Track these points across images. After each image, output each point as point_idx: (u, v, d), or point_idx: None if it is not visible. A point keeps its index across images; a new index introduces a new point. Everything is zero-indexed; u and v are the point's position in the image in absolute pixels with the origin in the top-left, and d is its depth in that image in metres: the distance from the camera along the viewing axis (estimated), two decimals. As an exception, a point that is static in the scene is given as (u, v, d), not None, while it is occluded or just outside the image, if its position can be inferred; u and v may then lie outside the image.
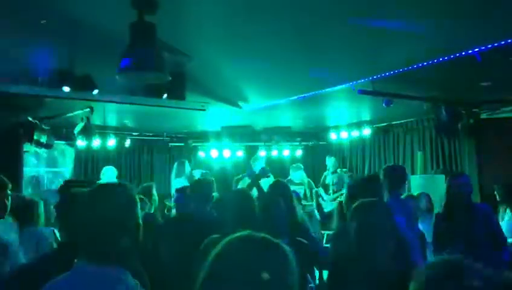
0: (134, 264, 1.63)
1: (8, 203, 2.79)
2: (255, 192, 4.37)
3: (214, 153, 9.49)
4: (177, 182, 7.55)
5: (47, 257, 2.20)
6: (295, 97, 5.84)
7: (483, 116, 6.76)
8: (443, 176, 7.18)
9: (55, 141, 7.09)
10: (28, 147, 6.64)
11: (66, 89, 4.61)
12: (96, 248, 1.51)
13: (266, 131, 9.21)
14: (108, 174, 7.15)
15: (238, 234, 1.19)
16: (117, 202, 1.56)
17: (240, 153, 9.55)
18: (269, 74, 4.99)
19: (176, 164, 8.01)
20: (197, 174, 7.33)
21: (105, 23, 3.64)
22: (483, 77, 5.09)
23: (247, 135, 9.41)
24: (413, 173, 8.08)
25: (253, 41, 4.04)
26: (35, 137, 5.94)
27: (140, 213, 1.64)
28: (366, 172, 9.21)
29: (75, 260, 1.54)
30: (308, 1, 3.08)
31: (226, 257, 1.14)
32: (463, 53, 4.07)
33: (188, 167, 7.67)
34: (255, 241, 1.17)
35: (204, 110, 6.00)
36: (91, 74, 4.68)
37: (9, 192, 2.80)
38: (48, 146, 6.60)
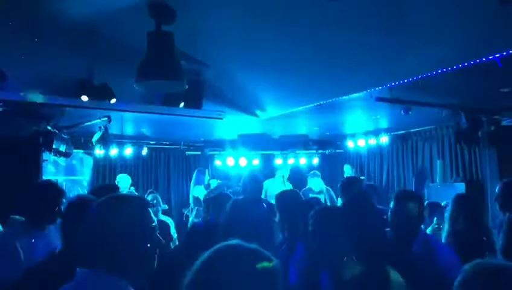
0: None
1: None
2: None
3: (231, 162, 9.50)
4: (197, 190, 7.59)
5: (46, 264, 2.18)
6: (312, 105, 5.80)
7: (504, 123, 6.62)
8: (463, 185, 7.07)
9: (74, 150, 7.17)
10: (47, 156, 6.73)
11: (85, 98, 4.66)
12: (104, 256, 1.48)
13: (283, 139, 9.17)
14: (123, 183, 7.21)
15: (227, 243, 1.17)
16: (126, 211, 1.55)
17: (256, 162, 9.54)
18: (286, 82, 4.97)
19: (195, 172, 8.05)
20: (214, 184, 7.35)
21: (123, 32, 3.68)
22: (503, 83, 4.99)
23: (263, 143, 9.39)
24: (432, 181, 7.97)
25: (271, 49, 4.03)
26: (54, 146, 6.01)
27: (153, 218, 1.61)
28: (384, 180, 9.11)
29: (77, 269, 1.52)
30: (325, 10, 3.05)
31: (213, 266, 1.11)
32: (483, 59, 3.99)
33: (207, 176, 7.69)
34: (244, 252, 1.14)
35: (221, 118, 6.00)
36: (109, 83, 4.73)
37: (64, 200, 2.88)
38: (66, 155, 6.68)
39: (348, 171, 8.53)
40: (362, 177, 8.54)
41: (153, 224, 1.59)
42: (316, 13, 3.18)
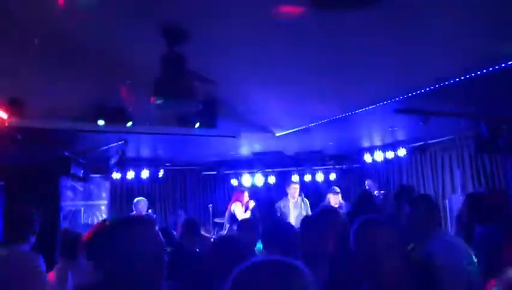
0: None
1: None
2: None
3: (247, 181, 9.46)
4: (235, 207, 7.69)
5: None
6: (328, 120, 5.75)
7: (526, 131, 6.46)
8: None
9: (91, 175, 7.21)
10: (64, 181, 6.77)
11: (101, 122, 4.69)
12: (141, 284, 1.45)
13: (298, 156, 9.11)
14: (140, 206, 7.22)
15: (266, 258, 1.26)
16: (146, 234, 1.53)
17: (273, 179, 9.48)
18: (301, 98, 4.94)
19: (235, 191, 8.19)
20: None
21: (136, 55, 3.70)
22: (523, 90, 4.89)
23: (278, 160, 9.34)
24: (453, 192, 7.80)
25: (284, 65, 4.02)
26: (71, 171, 6.04)
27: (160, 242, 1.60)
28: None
29: None
30: (337, 21, 3.03)
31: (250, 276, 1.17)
32: (502, 65, 3.91)
33: (246, 197, 7.83)
34: (279, 264, 1.19)
35: (235, 137, 5.99)
36: (124, 106, 4.76)
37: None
38: (84, 179, 6.71)
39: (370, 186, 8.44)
40: (382, 191, 8.41)
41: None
42: (329, 26, 3.16)
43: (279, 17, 2.98)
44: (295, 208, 7.81)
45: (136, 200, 7.47)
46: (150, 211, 7.66)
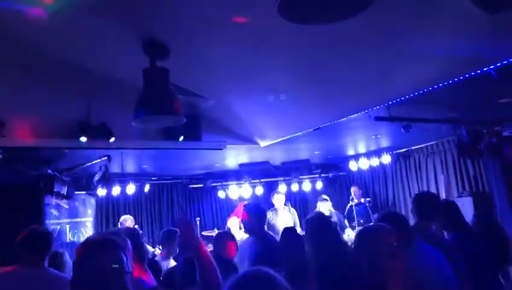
0: None
1: None
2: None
3: (234, 192, 9.44)
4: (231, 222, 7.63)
5: None
6: (311, 129, 5.79)
7: (505, 134, 6.59)
8: (470, 199, 6.98)
9: (76, 192, 7.12)
10: (48, 200, 6.68)
11: (83, 139, 4.65)
12: None
13: (285, 165, 9.13)
14: (127, 224, 7.13)
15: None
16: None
17: (259, 190, 9.47)
18: (284, 108, 4.97)
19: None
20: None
21: (119, 71, 3.70)
22: (501, 94, 4.99)
23: (265, 171, 9.35)
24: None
25: (265, 76, 4.05)
26: (55, 189, 5.97)
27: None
28: (390, 199, 9.03)
29: None
30: (317, 34, 3.07)
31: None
32: (478, 71, 4.00)
33: None
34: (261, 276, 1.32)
35: (221, 149, 5.99)
36: (107, 122, 4.73)
37: None
38: (68, 197, 6.63)
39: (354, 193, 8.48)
40: (368, 199, 8.46)
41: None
42: (308, 40, 3.20)
43: (259, 28, 3.01)
44: (283, 219, 7.79)
45: (122, 218, 7.38)
46: (136, 226, 7.58)
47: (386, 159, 8.39)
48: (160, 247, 6.42)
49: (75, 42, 3.22)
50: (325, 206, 7.98)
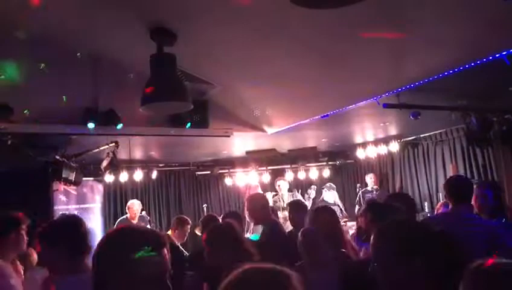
0: None
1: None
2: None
3: (240, 179, 9.45)
4: None
5: None
6: (319, 116, 5.76)
7: (516, 122, 6.50)
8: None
9: (83, 178, 7.16)
10: (56, 186, 6.72)
11: (91, 125, 4.66)
12: None
13: (292, 153, 9.10)
14: (134, 208, 7.19)
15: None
16: None
17: (267, 177, 9.47)
18: (292, 95, 4.94)
19: None
20: None
21: (127, 57, 3.69)
22: (512, 81, 4.92)
23: (272, 158, 9.33)
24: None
25: (273, 64, 4.02)
26: (63, 175, 6.00)
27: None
28: (397, 187, 8.98)
29: None
30: (324, 18, 3.03)
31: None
32: (490, 58, 3.93)
33: None
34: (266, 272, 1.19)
35: (228, 136, 5.98)
36: (115, 108, 4.73)
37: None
38: (76, 183, 6.66)
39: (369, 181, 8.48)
40: (375, 187, 8.44)
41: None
42: (315, 25, 3.16)
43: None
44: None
45: (129, 203, 7.43)
46: (143, 213, 7.62)
47: (394, 147, 8.33)
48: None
49: (84, 29, 3.21)
50: (331, 195, 7.98)
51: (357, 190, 8.58)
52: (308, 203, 7.62)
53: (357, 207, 8.15)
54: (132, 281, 1.37)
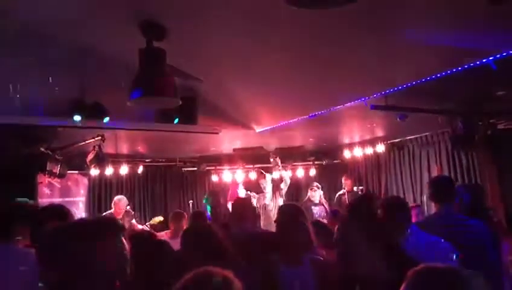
0: None
1: None
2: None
3: (227, 176, 9.44)
4: None
5: None
6: (307, 116, 5.77)
7: (501, 126, 6.60)
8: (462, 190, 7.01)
9: (68, 171, 7.09)
10: (41, 178, 6.64)
11: (77, 118, 4.61)
12: None
13: (278, 151, 9.11)
14: (120, 204, 7.11)
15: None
16: None
17: (253, 175, 9.46)
18: (280, 94, 4.94)
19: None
20: None
21: (115, 50, 3.64)
22: (499, 86, 4.98)
23: (259, 156, 9.33)
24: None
25: (263, 62, 4.01)
26: (48, 168, 5.93)
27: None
28: (382, 189, 9.06)
29: None
30: (316, 18, 3.03)
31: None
32: (477, 62, 3.98)
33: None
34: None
35: (217, 133, 5.96)
36: (102, 101, 4.69)
37: None
38: (61, 176, 6.59)
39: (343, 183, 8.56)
40: (361, 187, 8.50)
41: None
42: (305, 25, 3.16)
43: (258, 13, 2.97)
44: (270, 201, 7.85)
45: (116, 198, 7.35)
46: (128, 207, 7.56)
47: (380, 148, 8.40)
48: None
49: (72, 20, 3.16)
50: (317, 195, 8.00)
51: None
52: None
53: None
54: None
